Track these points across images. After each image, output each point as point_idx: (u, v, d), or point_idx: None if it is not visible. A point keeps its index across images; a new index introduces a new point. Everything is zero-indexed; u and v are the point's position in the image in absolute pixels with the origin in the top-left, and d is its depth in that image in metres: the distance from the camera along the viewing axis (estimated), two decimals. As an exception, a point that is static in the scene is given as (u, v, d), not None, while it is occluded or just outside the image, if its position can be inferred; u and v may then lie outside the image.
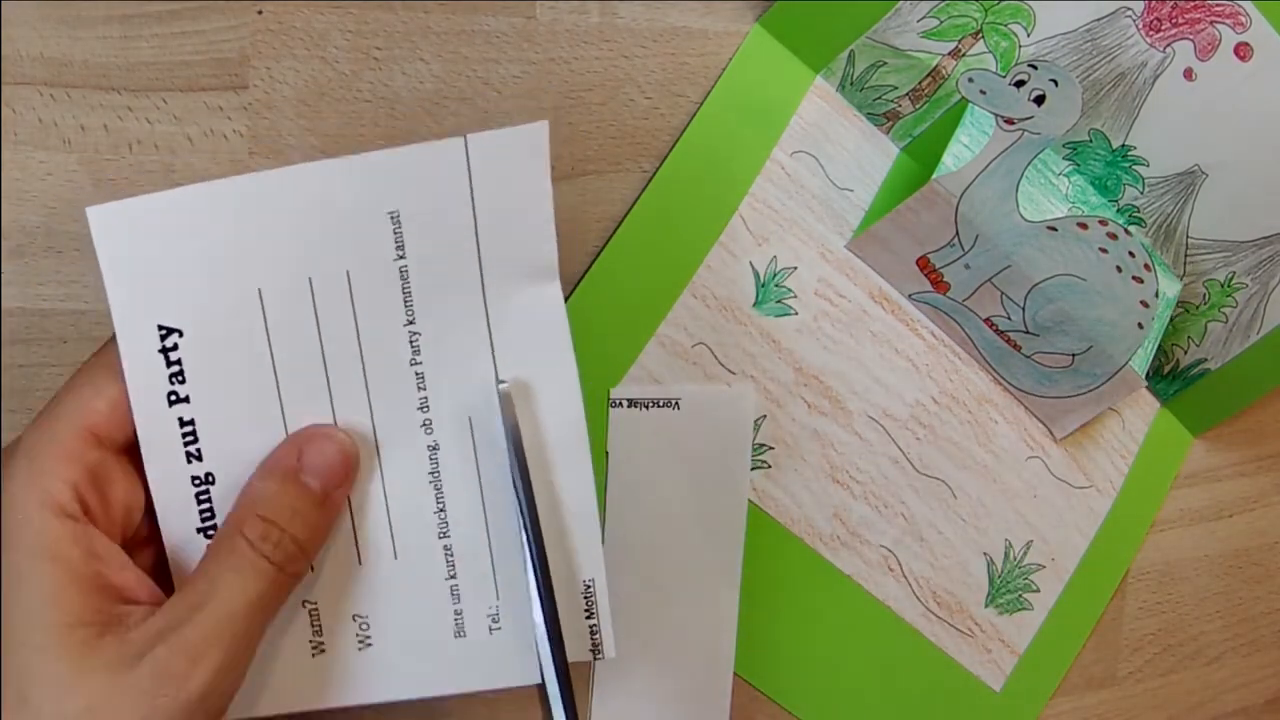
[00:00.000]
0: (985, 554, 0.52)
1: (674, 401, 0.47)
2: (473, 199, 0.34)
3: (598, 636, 0.38)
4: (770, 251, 0.49)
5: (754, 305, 0.49)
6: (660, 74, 0.48)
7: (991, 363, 0.52)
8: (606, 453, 0.46)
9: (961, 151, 0.47)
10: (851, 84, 0.50)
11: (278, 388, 0.34)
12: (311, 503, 0.34)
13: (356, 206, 0.33)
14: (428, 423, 0.35)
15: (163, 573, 0.35)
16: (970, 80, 0.46)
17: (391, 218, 0.34)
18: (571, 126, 0.47)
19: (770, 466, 0.49)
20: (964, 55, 0.48)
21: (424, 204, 0.34)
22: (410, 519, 0.36)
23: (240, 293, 0.33)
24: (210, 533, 0.34)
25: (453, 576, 0.37)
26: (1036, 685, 0.54)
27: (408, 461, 0.36)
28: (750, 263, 0.49)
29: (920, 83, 0.49)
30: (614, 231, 0.47)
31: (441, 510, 0.36)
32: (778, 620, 0.49)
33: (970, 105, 0.48)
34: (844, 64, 0.49)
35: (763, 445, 0.49)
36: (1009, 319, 0.49)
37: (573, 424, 0.37)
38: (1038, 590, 0.53)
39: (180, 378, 0.33)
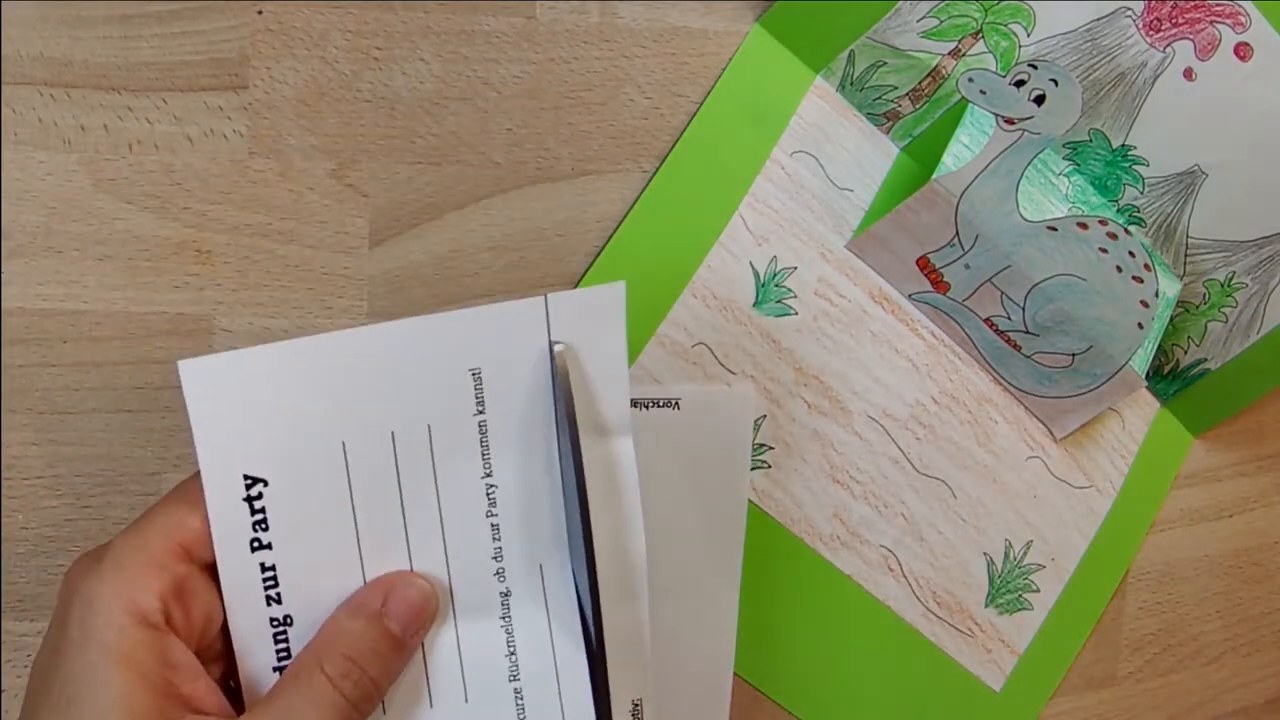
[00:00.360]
0: (985, 554, 0.52)
1: (674, 402, 0.47)
2: (551, 357, 0.35)
3: None
4: (770, 251, 0.49)
5: (754, 305, 0.49)
6: (660, 74, 0.48)
7: (991, 363, 0.52)
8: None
9: (961, 151, 0.47)
10: (852, 84, 0.50)
11: (357, 536, 0.35)
12: (391, 645, 0.35)
13: (440, 364, 0.34)
14: (501, 571, 0.36)
15: (233, 688, 0.36)
16: (970, 80, 0.46)
17: (473, 375, 0.35)
18: (571, 126, 0.47)
19: (770, 466, 0.49)
20: (964, 55, 0.48)
21: (505, 361, 0.35)
22: (481, 663, 0.37)
23: (325, 446, 0.34)
24: (282, 654, 0.35)
25: (522, 717, 0.37)
26: (1036, 685, 0.54)
27: (480, 607, 0.37)
28: (750, 263, 0.49)
29: (920, 83, 0.49)
30: (614, 231, 0.47)
31: (512, 654, 0.37)
32: (778, 620, 0.50)
33: (970, 105, 0.48)
34: (844, 64, 0.49)
35: (763, 445, 0.49)
36: (1009, 319, 0.49)
37: (635, 568, 0.37)
38: (1038, 590, 0.53)
39: (263, 525, 0.34)
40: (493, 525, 0.36)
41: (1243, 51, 0.46)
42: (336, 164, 0.45)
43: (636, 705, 0.38)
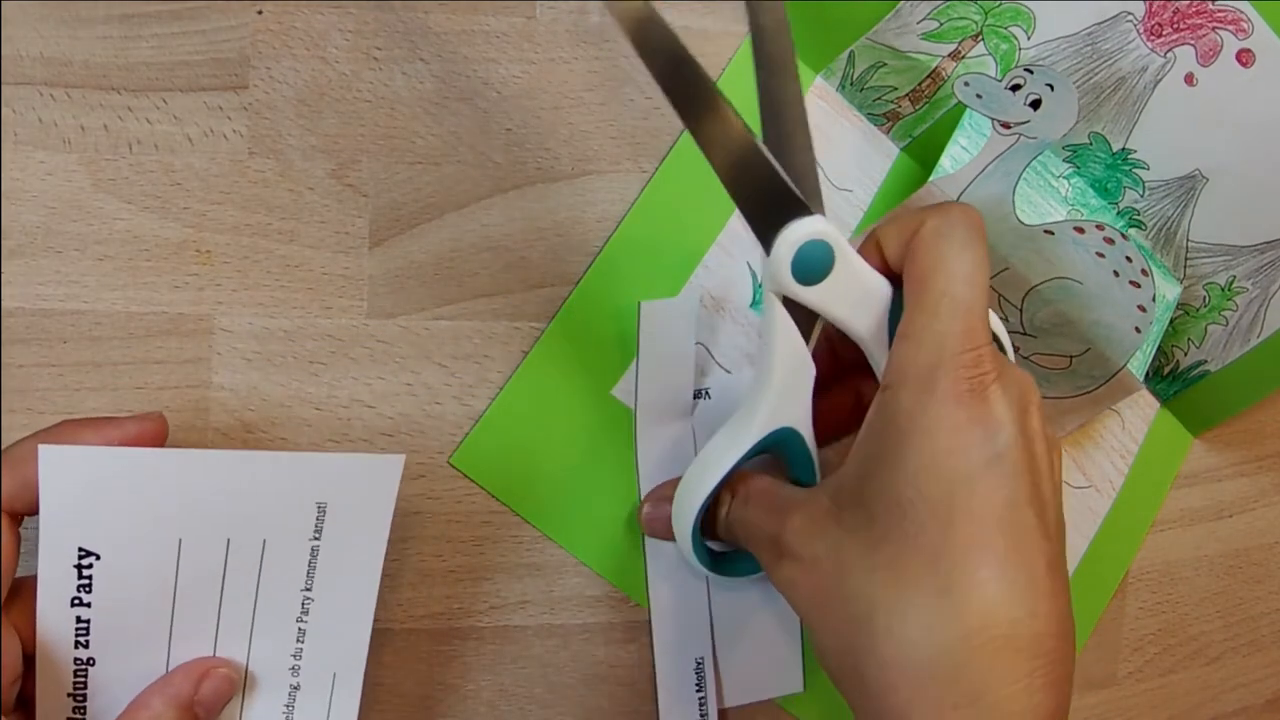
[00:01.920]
0: None
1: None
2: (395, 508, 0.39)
3: None
4: None
5: (751, 305, 0.49)
6: (660, 74, 0.48)
7: None
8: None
9: (959, 154, 0.47)
10: (851, 84, 0.50)
11: (173, 612, 0.38)
12: None
13: (290, 494, 0.38)
14: (296, 667, 0.40)
15: None
16: (966, 84, 0.46)
17: (319, 507, 0.38)
18: (571, 126, 0.47)
19: None
20: (964, 57, 0.48)
21: (351, 502, 0.38)
22: None
23: (162, 539, 0.37)
24: (79, 699, 0.38)
25: None
26: None
27: (270, 693, 0.40)
28: (748, 263, 0.49)
29: (920, 84, 0.49)
30: (612, 233, 0.47)
31: None
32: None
33: (968, 108, 0.48)
34: (844, 64, 0.49)
35: None
36: (1006, 321, 0.49)
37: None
38: None
39: (88, 589, 0.37)
40: (300, 629, 0.40)
41: (1244, 58, 0.46)
42: (336, 164, 0.45)
43: None
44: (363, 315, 0.45)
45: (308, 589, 0.39)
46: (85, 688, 0.38)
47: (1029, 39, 0.47)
